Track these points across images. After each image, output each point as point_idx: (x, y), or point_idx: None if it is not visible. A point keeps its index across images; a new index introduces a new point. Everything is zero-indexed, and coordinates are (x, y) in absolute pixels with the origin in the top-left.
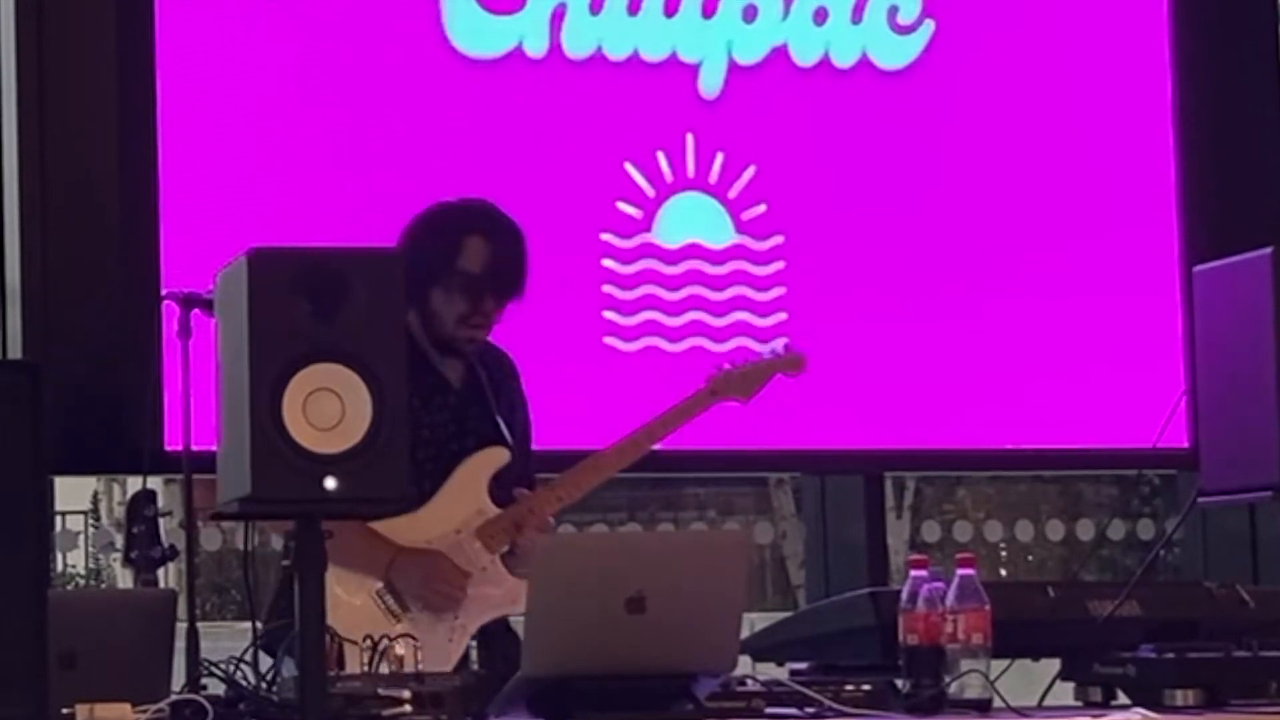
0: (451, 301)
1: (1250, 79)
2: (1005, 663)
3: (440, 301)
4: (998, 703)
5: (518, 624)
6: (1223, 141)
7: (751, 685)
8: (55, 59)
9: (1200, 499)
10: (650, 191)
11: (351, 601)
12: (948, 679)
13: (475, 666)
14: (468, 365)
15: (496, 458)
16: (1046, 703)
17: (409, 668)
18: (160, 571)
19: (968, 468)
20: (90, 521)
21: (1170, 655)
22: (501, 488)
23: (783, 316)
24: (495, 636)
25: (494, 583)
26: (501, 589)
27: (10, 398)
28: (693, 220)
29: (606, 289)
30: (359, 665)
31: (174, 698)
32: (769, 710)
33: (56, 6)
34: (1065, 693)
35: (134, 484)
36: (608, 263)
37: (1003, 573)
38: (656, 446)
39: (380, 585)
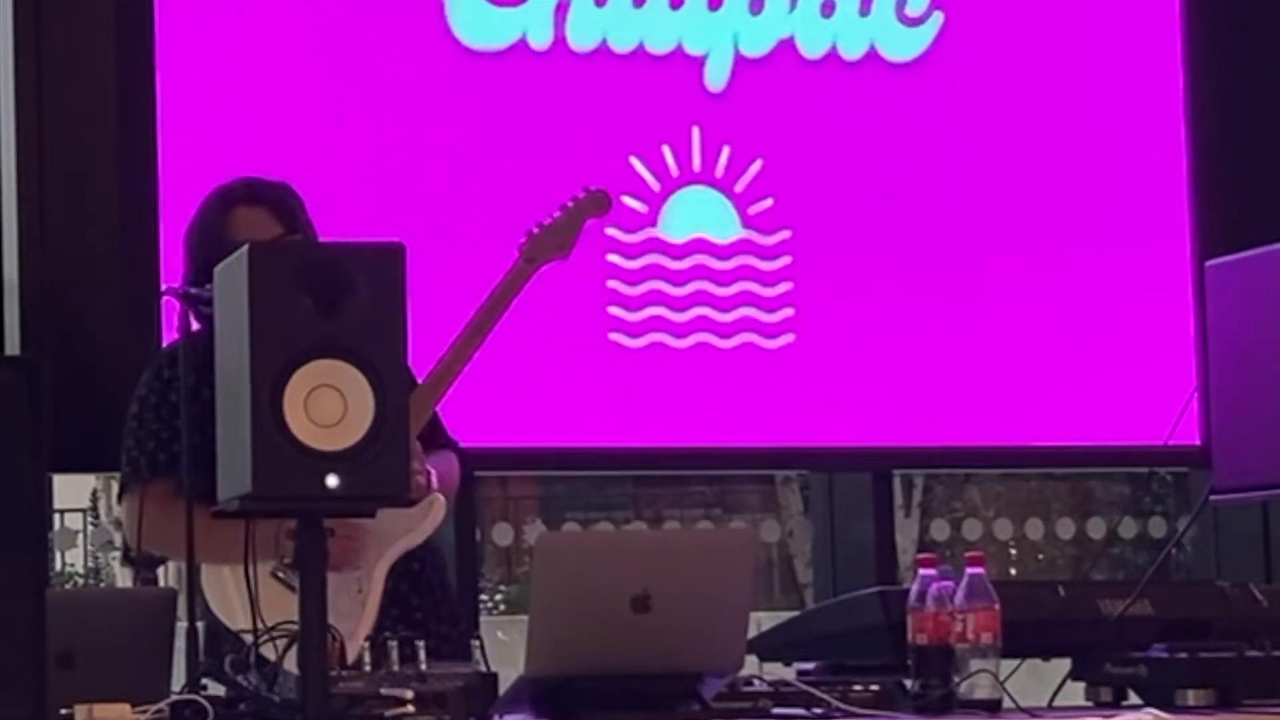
0: None
1: (1263, 71)
2: (1015, 662)
3: None
4: (1007, 703)
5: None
6: (1235, 135)
7: (758, 685)
8: (53, 51)
9: (1213, 497)
10: (655, 185)
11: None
12: (957, 679)
13: (481, 665)
14: None
15: None
16: (1057, 703)
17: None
18: (160, 570)
19: (977, 465)
20: (89, 520)
21: (1182, 655)
22: None
23: (789, 312)
24: (421, 574)
25: (382, 524)
26: (393, 521)
27: (8, 394)
28: (698, 214)
29: (611, 284)
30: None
31: (174, 698)
32: (776, 710)
33: None
34: (1076, 693)
35: None
36: (612, 258)
37: (1013, 571)
38: (653, 441)
39: (274, 565)
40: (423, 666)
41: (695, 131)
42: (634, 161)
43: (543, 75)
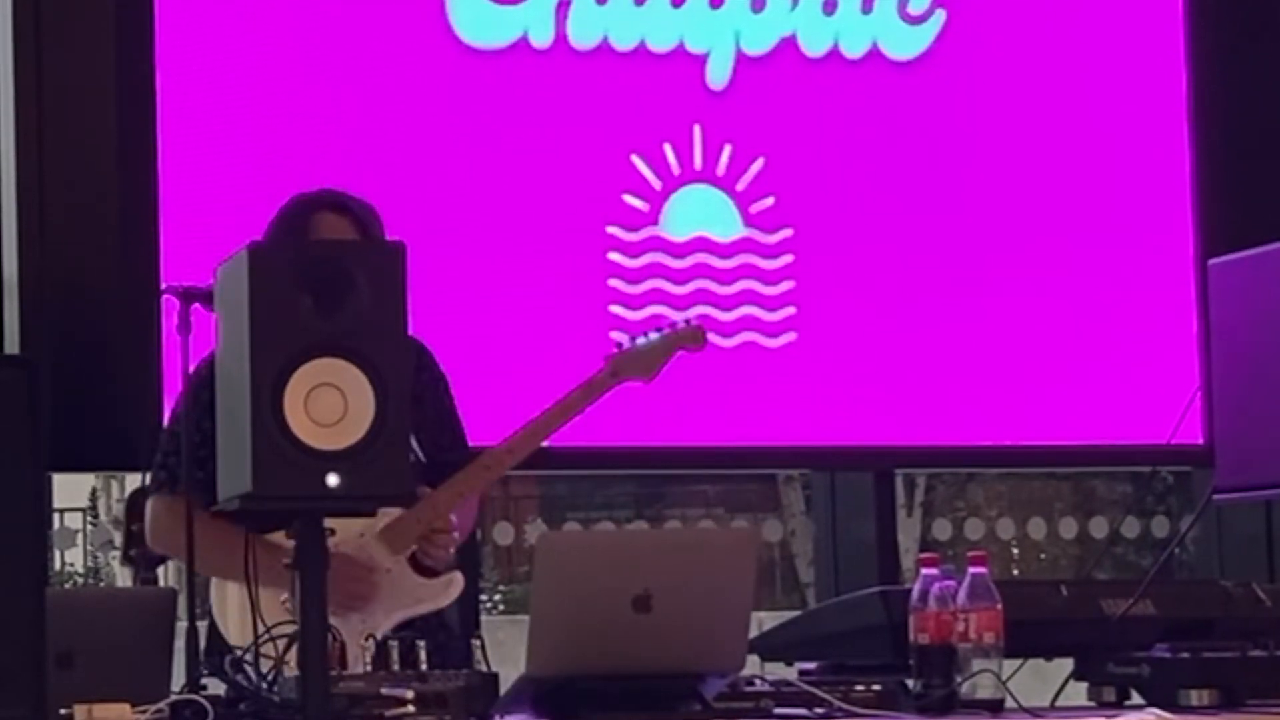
0: None
1: (1266, 70)
2: (1018, 662)
3: None
4: (1010, 703)
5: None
6: (1238, 133)
7: (760, 685)
8: (53, 49)
9: (1216, 496)
10: (657, 184)
11: (271, 604)
12: (959, 679)
13: (480, 666)
14: None
15: None
16: (1060, 703)
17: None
18: (160, 570)
19: (980, 464)
20: (88, 519)
21: (1185, 655)
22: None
23: (791, 311)
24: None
25: (399, 584)
26: (407, 590)
27: (7, 393)
28: (700, 213)
29: (613, 283)
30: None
31: (174, 698)
32: (778, 711)
33: None
34: (1078, 693)
35: (133, 481)
36: (614, 256)
37: (1015, 571)
38: (655, 440)
39: (286, 595)
40: (423, 667)
41: (697, 130)
42: (635, 160)
43: (544, 73)
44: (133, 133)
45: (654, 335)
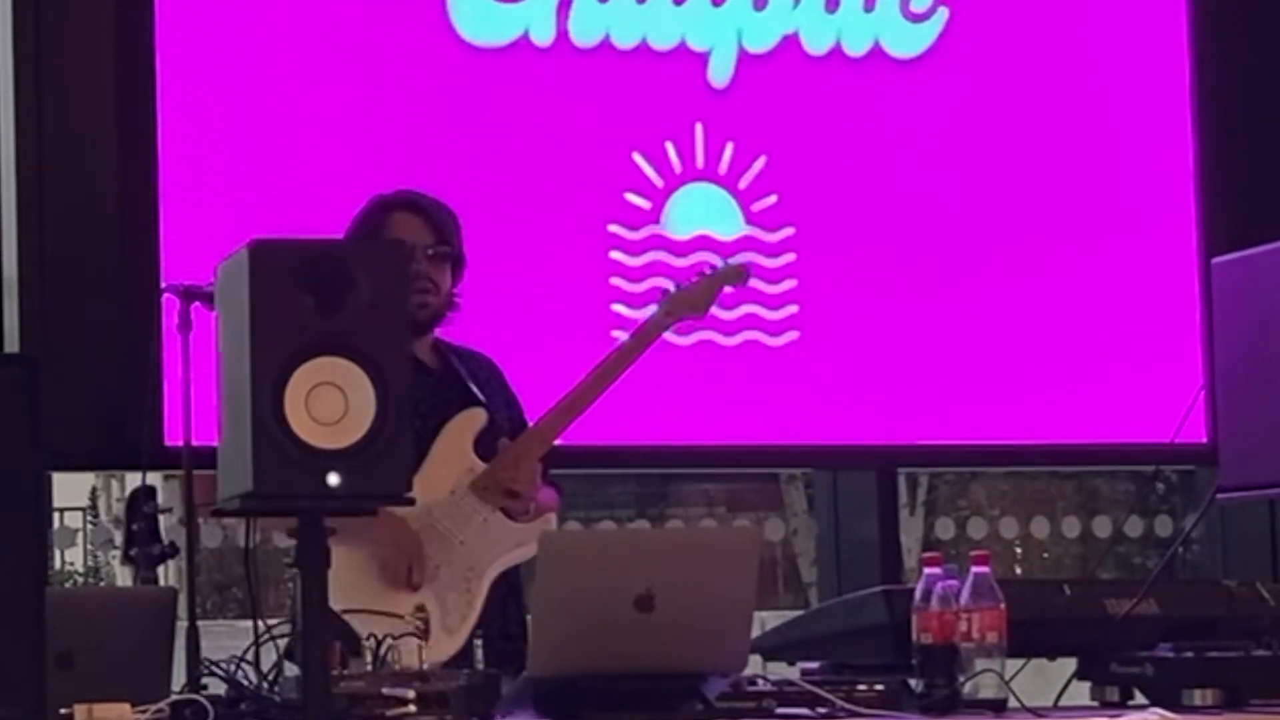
0: None
1: (1270, 67)
2: (1020, 662)
3: None
4: (1013, 703)
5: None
6: (1242, 131)
7: (762, 685)
8: (52, 46)
9: (1219, 495)
10: (659, 182)
11: (367, 580)
12: (962, 678)
13: (481, 666)
14: (441, 356)
15: (475, 419)
16: (1062, 703)
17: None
18: (160, 569)
19: (982, 463)
20: (89, 518)
21: (1189, 654)
22: (484, 447)
23: (793, 309)
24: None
25: (496, 530)
26: (507, 534)
27: (7, 391)
28: (702, 211)
29: (614, 281)
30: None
31: (174, 698)
32: (780, 710)
33: None
34: (1081, 692)
35: (133, 480)
36: (616, 255)
37: (1018, 570)
38: (657, 439)
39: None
40: (424, 666)
41: (699, 128)
42: (637, 158)
43: (545, 71)
44: (133, 130)
45: (696, 279)
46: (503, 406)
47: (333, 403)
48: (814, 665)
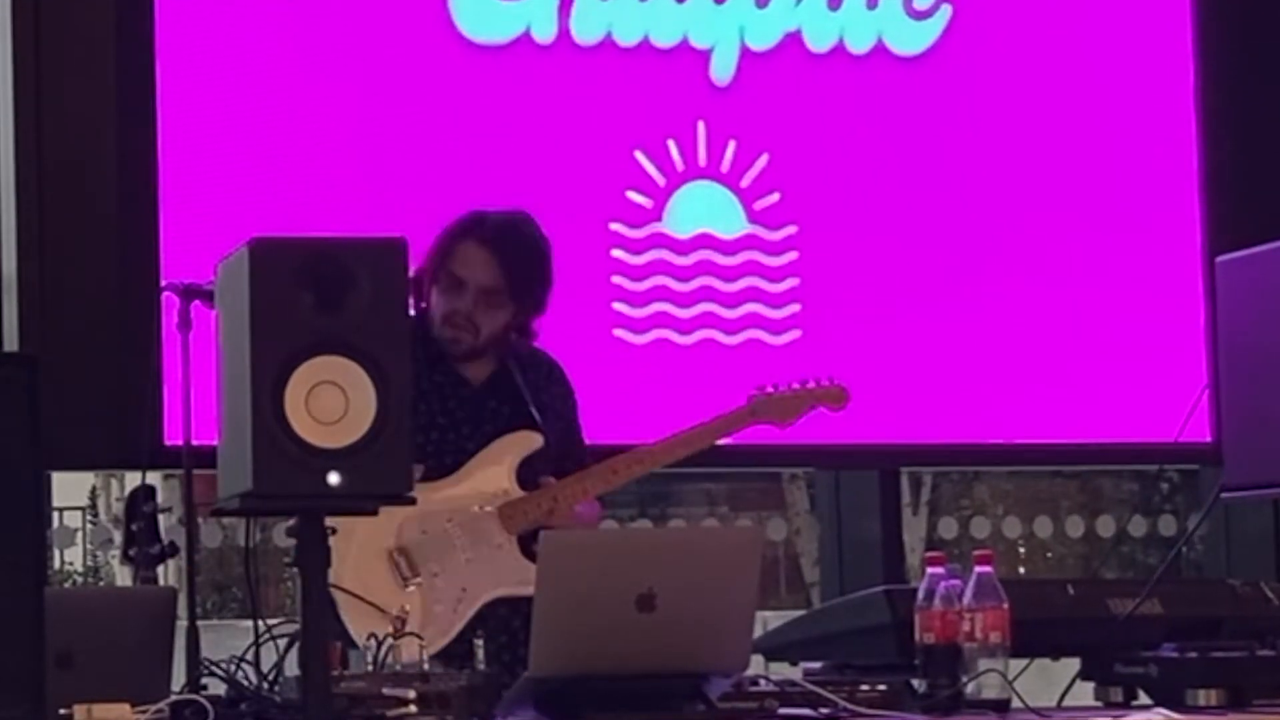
0: (438, 301)
1: (1274, 65)
2: (1024, 662)
3: (433, 302)
4: (1016, 703)
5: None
6: (1245, 130)
7: (764, 685)
8: (52, 43)
9: (1223, 494)
10: (661, 180)
11: (364, 559)
12: (965, 679)
13: (482, 666)
14: (499, 365)
15: (528, 441)
16: (1066, 703)
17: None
18: (160, 569)
19: (985, 462)
20: (88, 518)
21: (1193, 654)
22: (531, 474)
23: (796, 308)
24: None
25: (505, 562)
26: (512, 569)
27: (7, 391)
28: (704, 210)
29: (616, 280)
30: (362, 630)
31: (174, 698)
32: (782, 711)
33: None
34: (1085, 693)
35: (133, 479)
36: (617, 253)
37: (1021, 570)
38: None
39: (396, 545)
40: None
41: (701, 126)
42: (639, 156)
43: (547, 69)
44: (132, 126)
45: (797, 385)
46: (553, 419)
47: (333, 402)
48: (816, 665)
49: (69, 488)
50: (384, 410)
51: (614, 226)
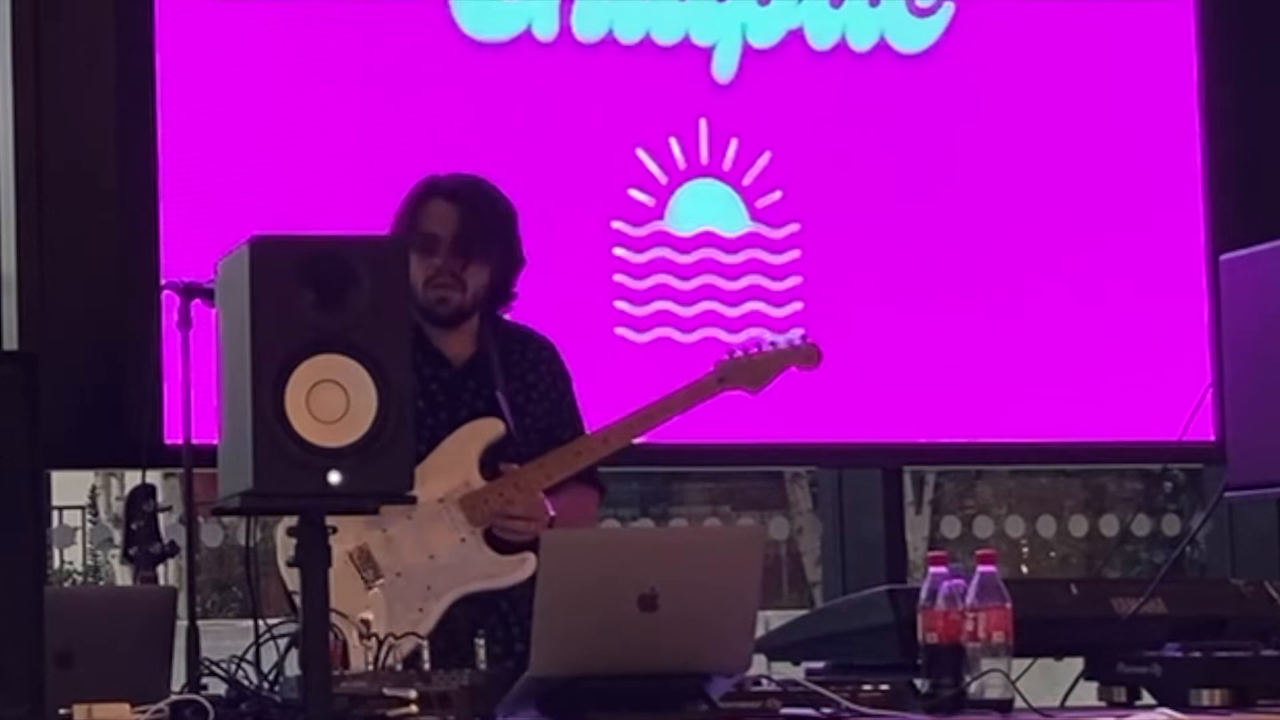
0: (416, 264)
1: (1277, 63)
2: (1027, 662)
3: (412, 268)
4: (1019, 703)
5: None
6: (1250, 128)
7: (767, 685)
8: (51, 41)
9: (1227, 493)
10: (662, 178)
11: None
12: (968, 678)
13: (483, 665)
14: (478, 344)
15: (489, 429)
16: (1070, 703)
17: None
18: (160, 568)
19: (989, 461)
20: (88, 517)
21: (1197, 654)
22: (494, 462)
23: (798, 306)
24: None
25: (472, 555)
26: (476, 564)
27: (6, 389)
28: (706, 208)
29: (618, 278)
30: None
31: (174, 698)
32: (785, 711)
33: None
34: (1089, 692)
35: (133, 478)
36: (619, 251)
37: (1024, 569)
38: (660, 437)
39: (356, 547)
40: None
41: (703, 123)
42: (641, 154)
43: (548, 67)
44: (132, 126)
45: (767, 347)
46: (518, 390)
47: (334, 400)
48: (819, 665)
49: (69, 487)
50: (385, 409)
51: (616, 225)
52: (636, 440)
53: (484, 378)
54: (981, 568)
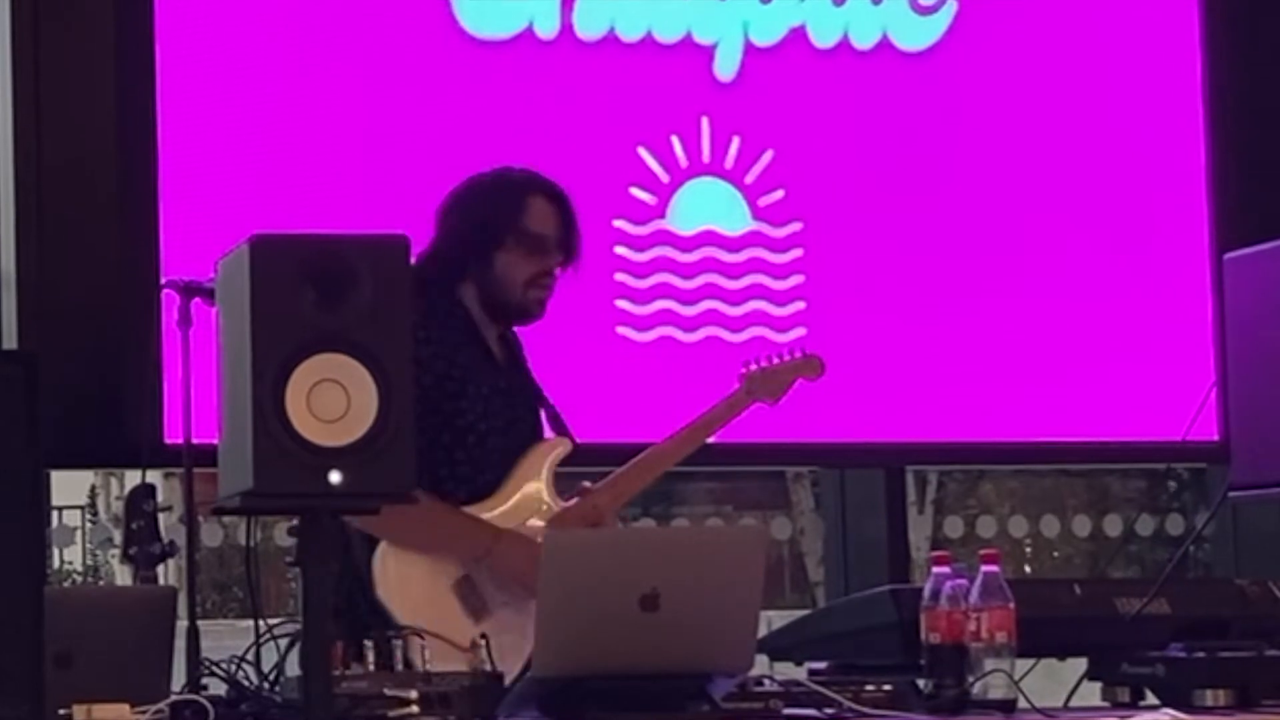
0: (519, 263)
1: None
2: (1030, 662)
3: (505, 264)
4: (1023, 703)
5: None
6: (1254, 126)
7: (769, 685)
8: (51, 38)
9: (1231, 493)
10: (664, 177)
11: (434, 596)
12: (971, 679)
13: (486, 666)
14: (503, 339)
15: (562, 448)
16: (1073, 703)
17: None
18: (160, 568)
19: (992, 461)
20: (88, 517)
21: (1200, 654)
22: (559, 477)
23: (801, 306)
24: None
25: None
26: None
27: (5, 388)
28: (708, 206)
29: (619, 277)
30: (420, 659)
31: (174, 698)
32: (787, 711)
33: None
34: (1092, 693)
35: (133, 478)
36: (621, 250)
37: (1027, 569)
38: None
39: (460, 577)
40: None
41: (705, 122)
42: (642, 152)
43: (550, 65)
44: (132, 125)
45: (776, 360)
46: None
47: (334, 400)
48: (821, 665)
49: (68, 486)
50: (385, 408)
51: (617, 223)
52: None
53: (516, 373)
54: (984, 567)
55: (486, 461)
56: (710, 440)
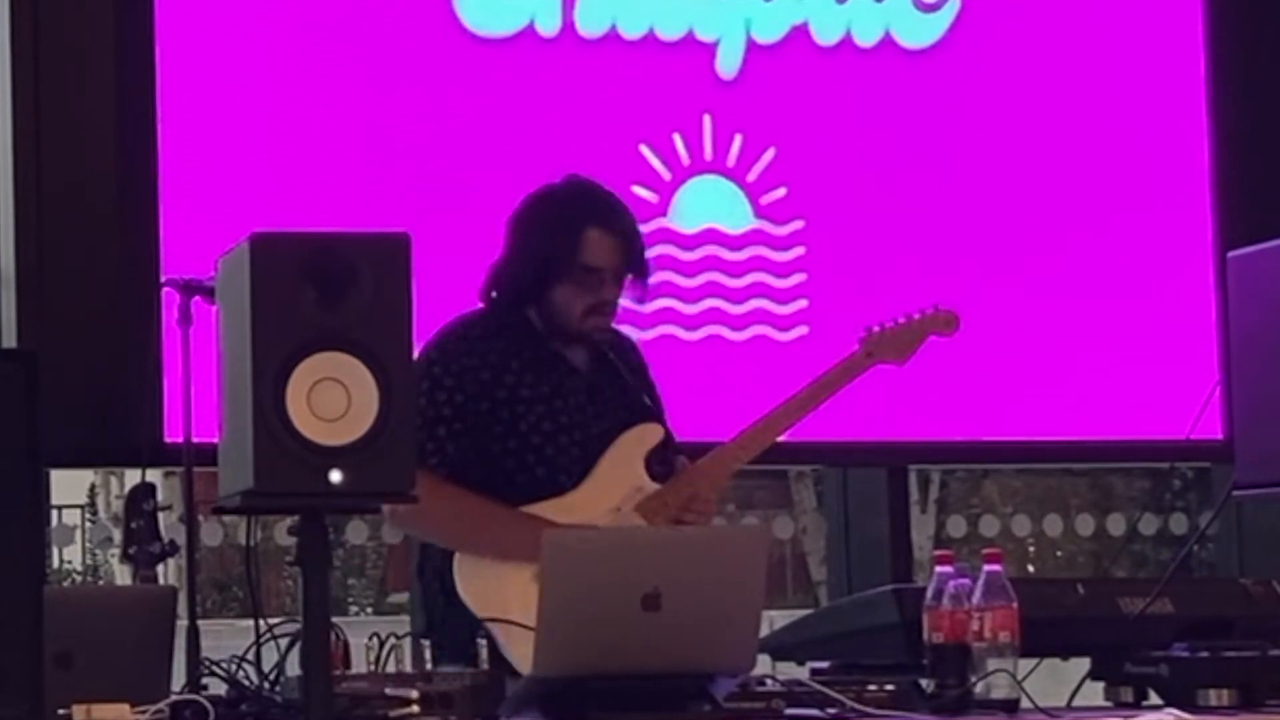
0: (576, 296)
1: None
2: (1033, 662)
3: (564, 297)
4: (1026, 703)
5: None
6: (1257, 124)
7: (771, 685)
8: (51, 38)
9: (1235, 492)
10: (666, 175)
11: (520, 589)
12: (974, 678)
13: (485, 665)
14: (594, 350)
15: (652, 434)
16: (1076, 703)
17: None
18: (160, 568)
19: (994, 460)
20: (87, 516)
21: (1204, 654)
22: (657, 464)
23: (803, 304)
24: None
25: None
26: None
27: (5, 388)
28: (710, 204)
29: None
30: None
31: (174, 698)
32: (789, 711)
33: None
34: (1095, 692)
35: (132, 477)
36: None
37: (1030, 569)
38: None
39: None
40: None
41: (706, 120)
42: (644, 150)
43: (551, 62)
44: (132, 123)
45: (903, 320)
46: (654, 395)
47: (335, 398)
48: (824, 665)
49: (68, 485)
50: (386, 407)
51: None
52: None
53: (613, 382)
54: (987, 567)
55: (563, 460)
56: (711, 440)
